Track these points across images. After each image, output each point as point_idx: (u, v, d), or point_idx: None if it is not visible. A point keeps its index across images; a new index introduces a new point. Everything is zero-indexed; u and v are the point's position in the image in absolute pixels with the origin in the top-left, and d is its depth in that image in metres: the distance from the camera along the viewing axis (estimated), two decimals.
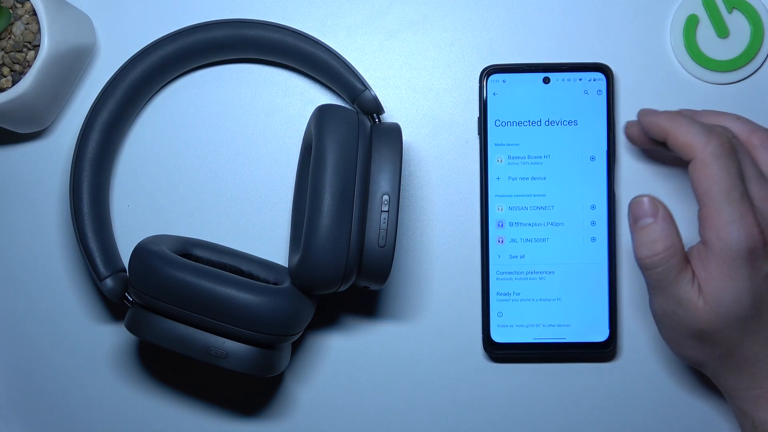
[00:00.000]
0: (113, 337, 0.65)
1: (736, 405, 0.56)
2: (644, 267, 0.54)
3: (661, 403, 0.63)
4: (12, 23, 0.59)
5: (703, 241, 0.53)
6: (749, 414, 0.55)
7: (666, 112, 0.56)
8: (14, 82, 0.59)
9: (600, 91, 0.63)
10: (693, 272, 0.54)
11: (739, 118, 0.57)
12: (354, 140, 0.57)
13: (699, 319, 0.53)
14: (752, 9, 0.63)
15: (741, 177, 0.53)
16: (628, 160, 0.64)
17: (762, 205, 0.53)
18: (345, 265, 0.56)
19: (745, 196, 0.52)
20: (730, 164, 0.53)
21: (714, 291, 0.53)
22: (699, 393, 0.63)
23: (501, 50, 0.64)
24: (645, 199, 0.54)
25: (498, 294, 0.63)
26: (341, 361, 0.64)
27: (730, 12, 0.64)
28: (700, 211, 0.53)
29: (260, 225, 0.64)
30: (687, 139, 0.53)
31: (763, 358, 0.54)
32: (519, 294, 0.62)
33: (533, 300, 0.63)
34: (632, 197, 0.55)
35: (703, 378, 0.63)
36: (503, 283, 0.63)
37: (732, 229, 0.52)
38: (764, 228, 0.52)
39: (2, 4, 0.59)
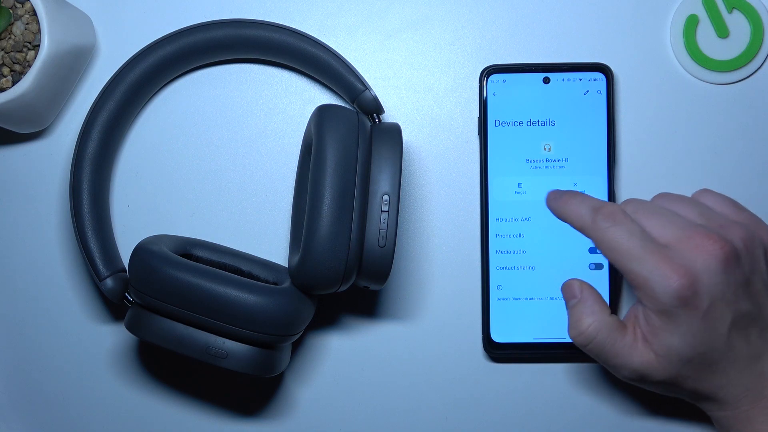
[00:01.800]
0: (113, 337, 0.65)
1: (718, 426, 0.57)
2: (578, 345, 0.56)
3: (661, 403, 0.63)
4: (12, 23, 0.59)
5: (638, 300, 0.54)
6: None
7: (564, 195, 0.57)
8: (14, 82, 0.59)
9: (600, 91, 0.63)
10: (635, 333, 0.54)
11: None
12: (354, 140, 0.57)
13: (656, 372, 0.54)
14: (752, 9, 0.63)
15: (639, 233, 0.53)
16: (628, 160, 0.64)
17: (675, 245, 0.53)
18: (345, 265, 0.56)
19: (650, 247, 0.53)
20: (621, 228, 0.54)
21: (660, 342, 0.53)
22: None
23: (501, 50, 0.64)
24: (573, 282, 0.57)
25: (498, 295, 0.63)
26: (341, 361, 0.64)
27: (730, 12, 0.64)
28: (624, 278, 0.55)
29: (260, 225, 0.64)
30: (578, 222, 0.55)
31: (726, 384, 0.54)
32: (519, 295, 0.62)
33: (533, 301, 0.63)
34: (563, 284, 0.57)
35: None
36: (503, 283, 0.63)
37: (651, 284, 0.52)
38: (686, 268, 0.52)
39: (2, 4, 0.59)
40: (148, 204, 0.64)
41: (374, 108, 0.61)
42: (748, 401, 0.54)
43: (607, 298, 0.62)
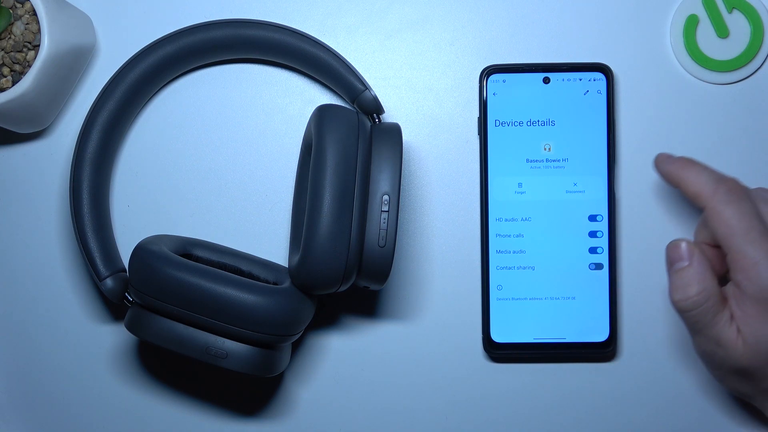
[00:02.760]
0: (113, 337, 0.65)
1: None
2: (679, 310, 0.55)
3: (661, 403, 0.63)
4: (12, 23, 0.59)
5: (735, 283, 0.53)
6: None
7: (679, 160, 0.56)
8: (14, 82, 0.59)
9: (600, 91, 0.63)
10: (731, 312, 0.53)
11: None
12: (354, 140, 0.57)
13: (739, 358, 0.53)
14: (752, 9, 0.63)
15: (757, 216, 0.53)
16: (628, 160, 0.64)
17: None
18: (345, 265, 0.56)
19: (766, 233, 0.52)
20: (743, 206, 0.53)
21: (752, 330, 0.53)
22: (699, 393, 0.63)
23: (501, 50, 0.64)
24: (682, 243, 0.55)
25: (498, 295, 0.63)
26: (341, 361, 0.64)
27: (730, 12, 0.64)
28: (727, 255, 0.53)
29: (260, 225, 0.64)
30: (696, 188, 0.54)
31: None
32: (519, 295, 0.62)
33: (533, 301, 0.63)
34: (669, 241, 0.56)
35: (703, 379, 0.63)
36: (503, 283, 0.63)
37: (759, 269, 0.52)
38: None
39: (2, 4, 0.59)
40: (148, 204, 0.64)
41: (374, 108, 0.61)
42: None
43: (606, 298, 0.62)
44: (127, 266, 0.59)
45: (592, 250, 0.63)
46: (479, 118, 0.63)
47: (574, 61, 0.63)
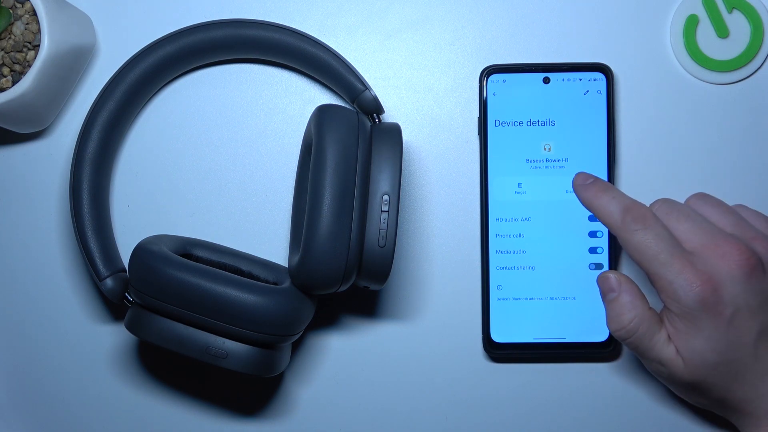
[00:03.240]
0: (113, 337, 0.65)
1: None
2: (617, 338, 0.57)
3: (661, 403, 0.63)
4: (12, 23, 0.59)
5: (663, 304, 0.55)
6: None
7: (592, 187, 0.58)
8: (14, 82, 0.59)
9: (600, 91, 0.63)
10: (667, 332, 0.55)
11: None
12: (354, 140, 0.57)
13: (683, 374, 0.55)
14: (752, 9, 0.63)
15: (665, 237, 0.55)
16: (628, 160, 0.64)
17: (702, 251, 0.54)
18: (345, 265, 0.56)
19: (676, 252, 0.54)
20: (648, 233, 0.55)
21: (686, 345, 0.54)
22: None
23: (501, 50, 0.64)
24: (610, 275, 0.57)
25: (498, 295, 0.63)
26: (341, 361, 0.64)
27: (730, 12, 0.64)
28: (651, 282, 0.55)
29: (260, 225, 0.64)
30: (605, 219, 0.56)
31: (754, 397, 0.54)
32: (519, 295, 0.62)
33: (533, 301, 0.63)
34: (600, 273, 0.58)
35: None
36: (503, 283, 0.63)
37: (675, 288, 0.53)
38: (709, 274, 0.53)
39: (2, 4, 0.59)
40: (148, 204, 0.64)
41: (374, 108, 0.61)
42: None
43: None
44: (127, 266, 0.59)
45: (592, 250, 0.63)
46: (479, 118, 0.63)
47: (574, 61, 0.63)
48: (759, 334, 0.53)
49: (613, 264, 0.62)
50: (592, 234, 0.63)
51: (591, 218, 0.62)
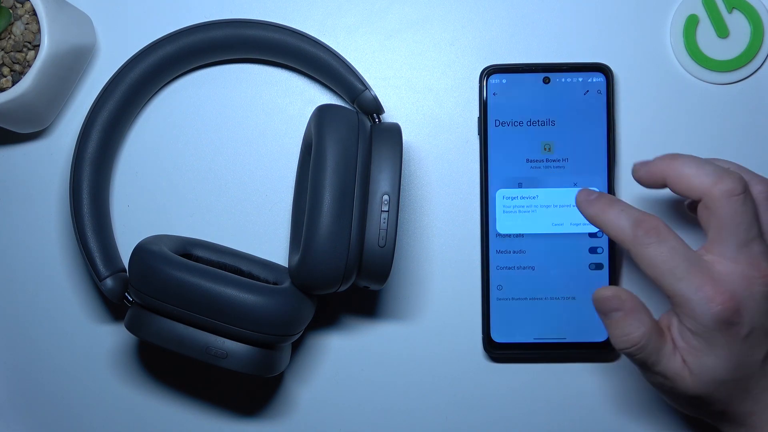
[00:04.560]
0: (113, 337, 0.65)
1: None
2: (626, 355, 0.54)
3: (661, 403, 0.63)
4: (12, 23, 0.59)
5: (677, 318, 0.53)
6: None
7: (598, 202, 0.55)
8: (14, 82, 0.59)
9: (600, 91, 0.63)
10: (672, 344, 0.53)
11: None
12: (354, 140, 0.57)
13: (687, 387, 0.53)
14: (752, 9, 0.63)
15: (681, 251, 0.52)
16: (628, 160, 0.64)
17: (722, 268, 0.52)
18: (345, 265, 0.56)
19: (694, 265, 0.51)
20: (663, 246, 0.52)
21: (697, 361, 0.52)
22: None
23: (501, 50, 0.64)
24: (608, 294, 0.54)
25: (498, 295, 0.63)
26: (341, 361, 0.64)
27: (730, 12, 0.64)
28: (663, 292, 0.53)
29: (260, 225, 0.64)
30: (616, 234, 0.53)
31: (758, 411, 0.53)
32: (519, 295, 0.62)
33: (533, 301, 0.62)
34: (595, 290, 0.55)
35: None
36: (503, 283, 0.63)
37: (692, 305, 0.51)
38: (731, 292, 0.51)
39: (2, 4, 0.59)
40: (148, 204, 0.64)
41: (374, 108, 0.61)
42: None
43: None
44: (127, 266, 0.59)
45: (592, 250, 0.63)
46: (479, 118, 0.63)
47: (574, 61, 0.63)
48: None
49: (613, 264, 0.62)
50: (592, 234, 0.63)
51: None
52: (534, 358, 0.64)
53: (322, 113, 0.57)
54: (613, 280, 0.62)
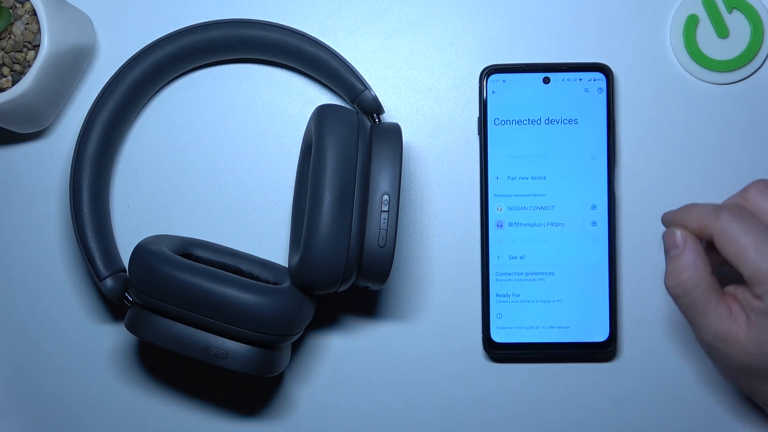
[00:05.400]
0: (113, 337, 0.65)
1: None
2: (672, 296, 0.55)
3: (661, 403, 0.63)
4: (12, 23, 0.59)
5: (755, 296, 0.53)
6: None
7: (684, 206, 0.56)
8: (14, 82, 0.59)
9: (600, 90, 0.63)
10: (729, 307, 0.54)
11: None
12: (354, 140, 0.57)
13: (740, 355, 0.53)
14: (752, 9, 0.63)
15: (765, 230, 0.53)
16: (628, 160, 0.64)
17: None
18: (345, 265, 0.56)
19: None
20: (747, 223, 0.53)
21: (761, 335, 0.52)
22: (699, 393, 0.63)
23: (501, 50, 0.64)
24: (677, 231, 0.55)
25: (498, 295, 0.63)
26: (341, 361, 0.64)
27: (730, 12, 0.64)
28: (743, 274, 0.53)
29: (260, 225, 0.64)
30: (700, 221, 0.54)
31: None
32: (519, 295, 0.62)
33: (533, 301, 0.63)
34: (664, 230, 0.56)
35: (703, 378, 0.63)
36: (503, 283, 0.63)
37: None
38: None
39: (2, 4, 0.59)
40: (148, 204, 0.64)
41: (374, 108, 0.61)
42: None
43: (607, 298, 0.62)
44: (127, 266, 0.59)
45: (593, 250, 0.62)
46: (479, 118, 0.63)
47: (574, 61, 0.63)
48: None
49: (613, 264, 0.62)
50: (593, 233, 0.63)
51: (592, 223, 0.62)
52: (534, 358, 0.64)
53: (322, 113, 0.57)
54: (613, 279, 0.62)
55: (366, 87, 0.61)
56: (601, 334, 0.63)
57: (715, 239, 0.54)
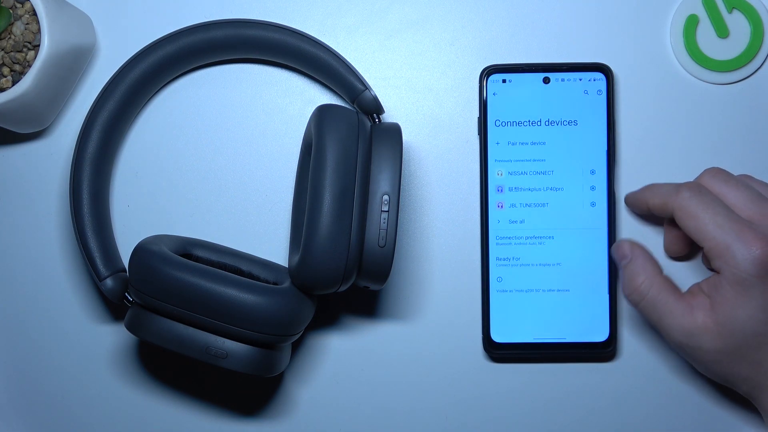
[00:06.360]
0: (113, 337, 0.65)
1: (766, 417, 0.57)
2: (632, 304, 0.58)
3: (661, 403, 0.63)
4: (12, 23, 0.59)
5: (715, 270, 0.55)
6: None
7: (644, 186, 0.60)
8: (14, 82, 0.59)
9: (600, 91, 0.63)
10: (690, 301, 0.56)
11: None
12: (354, 140, 0.57)
13: (713, 343, 0.55)
14: (752, 9, 0.63)
15: (721, 204, 0.55)
16: (627, 160, 0.64)
17: (763, 221, 0.55)
18: (345, 265, 0.56)
19: (733, 216, 0.55)
20: (705, 198, 0.56)
21: (729, 313, 0.54)
22: (699, 393, 0.63)
23: (501, 50, 0.64)
24: (623, 243, 0.59)
25: (498, 294, 0.63)
26: (341, 361, 0.64)
27: (730, 12, 0.64)
28: (703, 247, 0.56)
29: (260, 225, 0.64)
30: (661, 199, 0.58)
31: None
32: (519, 294, 0.62)
33: (534, 299, 0.62)
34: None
35: (703, 378, 0.63)
36: (503, 284, 0.63)
37: (733, 251, 0.54)
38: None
39: (2, 4, 0.59)
40: (148, 204, 0.65)
41: (374, 108, 0.61)
42: None
43: (607, 298, 0.62)
44: (127, 266, 0.59)
45: (592, 249, 0.62)
46: (479, 118, 0.63)
47: (574, 61, 0.63)
48: None
49: (613, 264, 0.62)
50: (592, 233, 0.63)
51: (591, 223, 0.62)
52: (534, 358, 0.64)
53: (322, 113, 0.57)
54: (613, 279, 0.62)
55: (366, 87, 0.61)
56: (601, 334, 0.63)
57: (676, 214, 0.56)
